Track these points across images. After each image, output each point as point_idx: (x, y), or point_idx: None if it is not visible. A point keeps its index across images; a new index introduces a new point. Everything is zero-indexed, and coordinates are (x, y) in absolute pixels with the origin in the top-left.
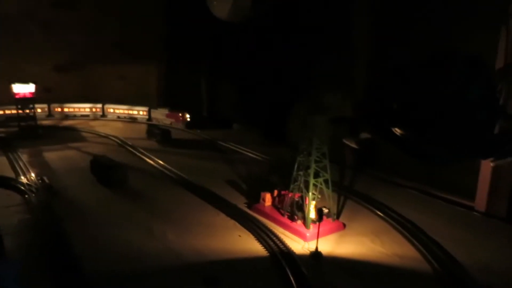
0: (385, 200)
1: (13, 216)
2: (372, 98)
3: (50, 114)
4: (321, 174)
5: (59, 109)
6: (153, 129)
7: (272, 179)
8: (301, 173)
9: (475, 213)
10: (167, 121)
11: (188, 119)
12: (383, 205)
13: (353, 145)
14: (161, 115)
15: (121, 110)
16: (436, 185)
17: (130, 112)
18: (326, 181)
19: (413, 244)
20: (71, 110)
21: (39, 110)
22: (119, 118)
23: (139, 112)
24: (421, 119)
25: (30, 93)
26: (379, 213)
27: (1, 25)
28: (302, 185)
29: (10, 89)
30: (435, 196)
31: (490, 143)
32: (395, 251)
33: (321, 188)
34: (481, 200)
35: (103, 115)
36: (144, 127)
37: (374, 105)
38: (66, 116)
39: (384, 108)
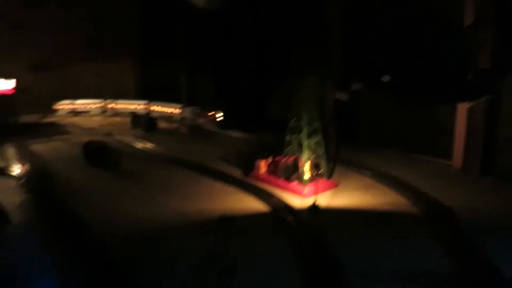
0: (369, 163)
1: (13, 196)
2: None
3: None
4: (313, 136)
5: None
6: (137, 118)
7: (263, 155)
8: (294, 136)
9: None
10: (199, 121)
11: (221, 118)
12: (369, 167)
13: (344, 98)
14: (192, 114)
15: (158, 108)
16: (415, 150)
17: (165, 110)
18: (318, 143)
19: (401, 194)
20: (120, 106)
21: (92, 106)
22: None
23: (173, 110)
24: (405, 69)
25: (10, 89)
26: (366, 172)
27: None
28: (296, 148)
29: None
30: (415, 158)
31: (463, 88)
32: (385, 200)
33: (313, 150)
34: (457, 157)
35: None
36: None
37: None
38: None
39: (372, 62)
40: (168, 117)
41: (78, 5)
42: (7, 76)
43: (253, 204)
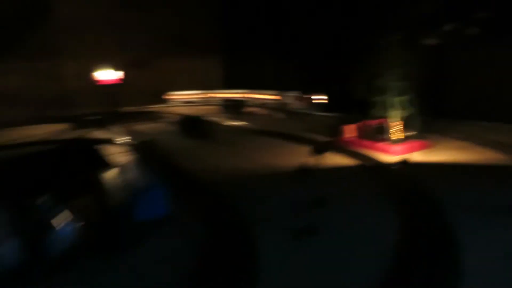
0: (464, 131)
1: (121, 157)
2: None
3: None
4: (403, 94)
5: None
6: (227, 103)
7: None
8: (381, 96)
9: None
10: (296, 105)
11: (322, 101)
12: (463, 132)
13: (433, 42)
14: (291, 99)
15: (255, 95)
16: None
17: (263, 96)
18: (408, 102)
19: (499, 152)
20: (217, 95)
21: (190, 97)
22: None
23: (272, 97)
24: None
25: (117, 79)
26: (460, 136)
27: (82, 27)
28: (384, 108)
29: (93, 77)
30: None
31: None
32: (482, 157)
33: (403, 109)
34: None
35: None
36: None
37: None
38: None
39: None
40: (264, 104)
41: (164, 6)
42: None
43: (341, 160)
